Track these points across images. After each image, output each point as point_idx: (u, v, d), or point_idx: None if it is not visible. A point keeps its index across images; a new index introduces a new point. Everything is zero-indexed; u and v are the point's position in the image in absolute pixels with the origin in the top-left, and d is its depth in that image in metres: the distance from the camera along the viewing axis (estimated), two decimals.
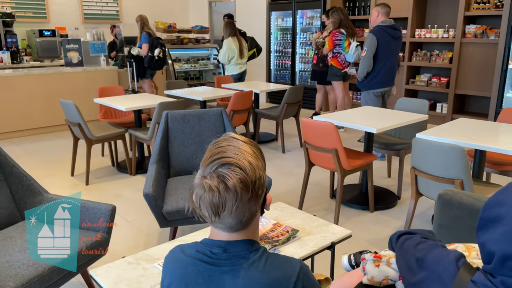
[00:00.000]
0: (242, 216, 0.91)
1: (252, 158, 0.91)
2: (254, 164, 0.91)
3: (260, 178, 0.92)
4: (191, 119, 2.92)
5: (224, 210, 0.89)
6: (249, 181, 0.89)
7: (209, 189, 0.88)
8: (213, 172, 0.89)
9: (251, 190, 0.89)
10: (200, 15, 9.52)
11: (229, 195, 0.88)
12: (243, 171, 0.89)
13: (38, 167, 4.34)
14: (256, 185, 0.90)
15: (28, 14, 7.51)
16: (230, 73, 5.92)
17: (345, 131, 5.75)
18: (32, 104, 5.61)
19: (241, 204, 0.89)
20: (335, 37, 5.37)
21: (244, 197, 0.88)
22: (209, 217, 0.91)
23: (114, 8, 8.60)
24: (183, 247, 1.01)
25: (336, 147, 2.87)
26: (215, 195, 0.88)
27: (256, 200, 0.92)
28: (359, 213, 3.25)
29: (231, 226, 0.93)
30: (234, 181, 0.87)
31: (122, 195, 3.64)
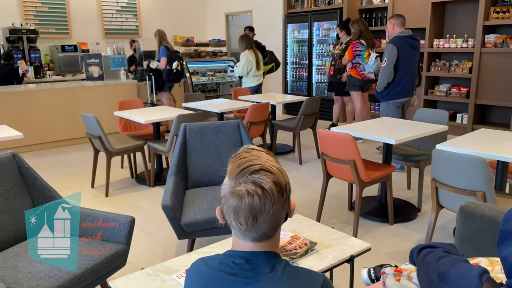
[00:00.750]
0: (277, 220, 0.92)
1: (277, 164, 0.94)
2: (281, 169, 0.93)
3: (288, 182, 0.94)
4: (208, 131, 2.95)
5: (262, 214, 0.89)
6: (282, 184, 0.91)
7: (248, 194, 0.88)
8: (247, 179, 0.90)
9: (284, 192, 0.91)
10: (217, 29, 9.66)
11: (267, 199, 0.89)
12: (274, 175, 0.90)
13: (59, 179, 4.43)
14: (287, 188, 0.93)
15: (51, 30, 7.76)
16: (248, 85, 5.96)
17: (363, 142, 5.70)
18: (54, 117, 5.75)
19: (277, 208, 0.90)
20: (355, 47, 5.37)
21: (279, 200, 0.90)
22: (245, 224, 0.91)
23: (133, 23, 8.80)
24: (205, 259, 1.01)
25: (354, 158, 2.85)
26: (255, 199, 0.88)
27: (288, 204, 0.94)
28: (378, 225, 3.20)
29: (264, 233, 0.93)
30: (270, 184, 0.89)
31: (141, 206, 3.68)
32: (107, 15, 8.41)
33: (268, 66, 6.35)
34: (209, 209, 2.48)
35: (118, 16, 8.58)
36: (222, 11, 9.44)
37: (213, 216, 2.44)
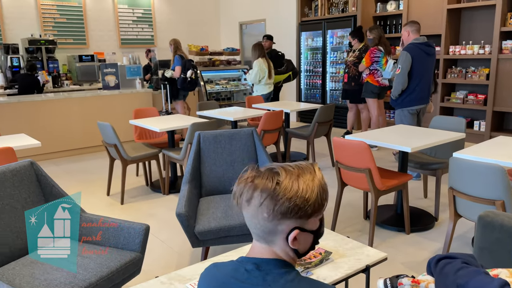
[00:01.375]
0: (261, 225, 0.92)
1: (306, 180, 0.91)
2: (301, 183, 0.91)
3: (297, 203, 0.89)
4: (222, 139, 2.96)
5: (239, 203, 0.93)
6: (273, 192, 0.89)
7: (243, 180, 0.93)
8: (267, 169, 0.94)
9: (276, 203, 0.89)
10: (231, 37, 9.73)
11: (252, 190, 0.91)
12: (281, 179, 0.90)
13: (76, 187, 4.49)
14: (288, 203, 0.89)
15: (69, 41, 7.93)
16: (260, 93, 5.98)
17: (378, 150, 5.64)
18: (71, 126, 5.85)
19: (259, 211, 0.90)
20: (373, 54, 5.35)
21: (267, 203, 0.89)
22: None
23: (149, 33, 8.94)
24: (218, 265, 1.02)
25: (369, 166, 2.82)
26: (241, 185, 0.93)
27: (286, 219, 0.91)
28: (394, 235, 3.15)
29: (254, 233, 0.95)
30: (267, 181, 0.90)
31: (155, 214, 3.70)
32: (123, 25, 8.56)
33: (285, 75, 6.36)
34: (223, 217, 2.48)
35: (134, 26, 8.72)
36: (236, 20, 9.52)
37: (227, 224, 2.43)
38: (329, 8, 7.46)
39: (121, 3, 8.48)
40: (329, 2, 7.45)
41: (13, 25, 7.36)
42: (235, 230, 2.44)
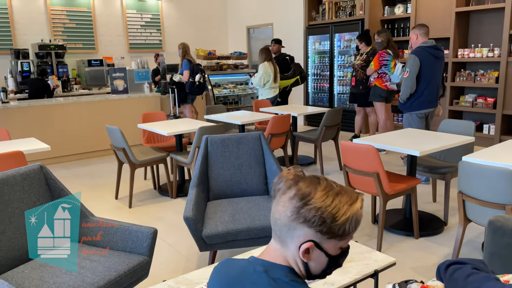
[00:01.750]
0: (279, 222, 0.92)
1: (343, 201, 0.90)
2: (337, 201, 0.89)
3: (325, 215, 0.88)
4: (230, 143, 2.96)
5: (276, 195, 0.93)
6: (307, 196, 0.89)
7: (284, 174, 0.94)
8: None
9: (303, 207, 0.88)
10: (239, 42, 9.77)
11: (287, 185, 0.91)
12: (320, 191, 0.90)
13: (84, 190, 4.52)
14: (315, 211, 0.88)
15: (78, 46, 8.01)
16: (265, 96, 5.98)
17: (386, 154, 5.61)
18: (80, 130, 5.90)
19: (284, 207, 0.90)
20: (382, 57, 5.34)
21: (294, 205, 0.89)
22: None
23: (157, 38, 9.00)
24: (230, 262, 1.02)
25: (378, 170, 2.80)
26: (282, 179, 0.94)
27: (306, 226, 0.89)
28: (403, 239, 3.13)
29: (272, 229, 0.95)
30: (305, 184, 0.90)
31: (163, 218, 3.71)
32: (131, 30, 8.63)
33: (291, 80, 6.35)
34: (231, 221, 2.48)
35: (143, 31, 8.79)
36: (243, 25, 9.55)
37: (234, 228, 2.43)
38: (336, 11, 7.46)
39: (130, 8, 8.56)
40: (336, 6, 7.45)
41: (24, 30, 7.46)
42: (243, 234, 2.44)
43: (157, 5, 8.89)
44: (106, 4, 8.27)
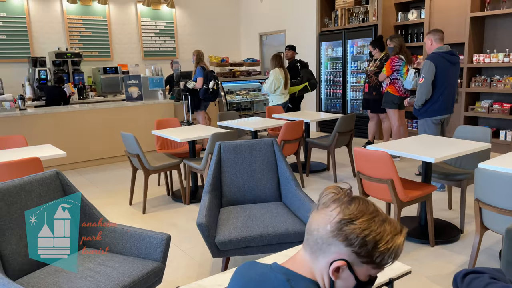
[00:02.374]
0: (315, 234, 0.91)
1: (387, 230, 0.88)
2: (381, 229, 0.88)
3: (364, 237, 0.87)
4: (243, 150, 2.97)
5: (317, 206, 0.93)
6: (355, 215, 0.87)
7: (334, 189, 0.94)
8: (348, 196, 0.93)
9: (342, 229, 0.87)
10: (251, 48, 9.82)
11: (332, 201, 0.91)
12: (363, 214, 0.88)
13: (99, 196, 4.58)
14: (358, 232, 0.87)
15: (94, 54, 8.15)
16: (275, 102, 5.99)
17: (400, 161, 5.55)
18: (96, 136, 5.98)
19: (322, 223, 0.90)
20: (394, 62, 5.30)
21: (335, 224, 0.88)
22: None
23: (171, 45, 9.11)
24: (253, 264, 1.01)
25: (392, 177, 2.78)
26: (328, 193, 0.93)
27: (343, 245, 0.87)
28: (418, 247, 3.08)
29: (306, 238, 0.94)
30: (345, 205, 0.89)
31: (176, 224, 3.73)
32: (146, 38, 8.75)
33: (299, 86, 6.34)
34: (243, 228, 2.48)
35: (157, 38, 8.91)
36: (256, 32, 9.60)
37: (247, 234, 2.43)
38: (349, 18, 7.45)
39: (144, 16, 8.68)
40: (349, 12, 7.44)
41: (41, 39, 7.63)
42: (256, 240, 2.43)
43: (171, 13, 9.01)
44: (121, 12, 8.40)
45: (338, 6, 7.61)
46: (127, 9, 8.48)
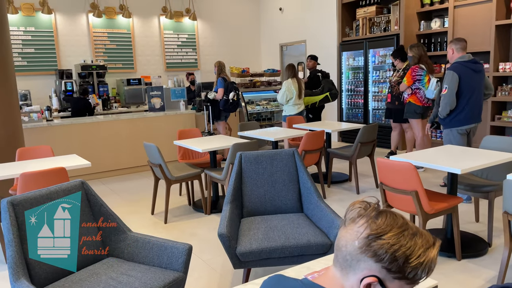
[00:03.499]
0: (343, 250, 0.88)
1: (419, 244, 0.85)
2: (412, 243, 0.85)
3: (395, 255, 0.83)
4: (263, 160, 2.96)
5: (344, 222, 0.91)
6: (382, 230, 0.85)
7: (361, 203, 0.91)
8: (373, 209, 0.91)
9: (370, 244, 0.84)
10: (272, 59, 9.86)
11: (358, 216, 0.89)
12: (390, 227, 0.85)
13: (122, 205, 4.64)
14: (387, 247, 0.84)
15: (118, 66, 8.34)
16: (288, 113, 5.99)
17: (424, 171, 5.44)
18: (119, 146, 6.10)
19: (350, 237, 0.87)
20: (414, 72, 5.23)
21: (363, 240, 0.86)
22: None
23: (193, 57, 9.24)
24: (282, 279, 0.99)
25: (416, 188, 2.72)
26: (355, 208, 0.90)
27: (373, 261, 0.85)
28: (444, 260, 3.00)
29: (335, 255, 0.91)
30: (372, 220, 0.87)
31: (197, 234, 3.74)
32: (168, 50, 8.91)
33: (319, 96, 6.31)
34: (264, 239, 2.46)
35: (179, 50, 9.05)
36: (277, 42, 9.65)
37: (268, 246, 2.42)
38: (370, 27, 7.41)
39: (167, 29, 8.85)
40: (370, 22, 7.40)
41: (68, 52, 7.86)
42: (277, 252, 2.41)
43: (193, 25, 9.16)
44: (144, 25, 8.59)
45: (359, 16, 7.58)
46: (150, 22, 8.67)
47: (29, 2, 7.37)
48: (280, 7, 9.39)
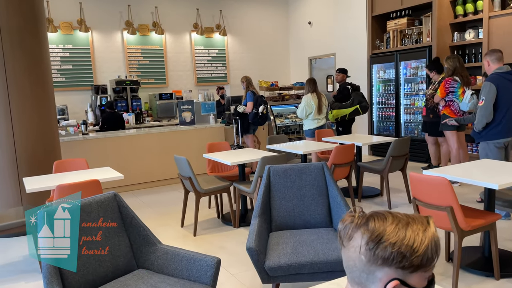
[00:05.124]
0: (351, 267, 0.88)
1: (416, 229, 0.86)
2: (410, 232, 0.85)
3: (402, 250, 0.83)
4: (292, 173, 2.95)
5: (342, 239, 0.90)
6: (378, 234, 0.85)
7: (346, 219, 0.91)
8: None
9: (376, 248, 0.84)
10: (301, 72, 9.87)
11: (354, 230, 0.88)
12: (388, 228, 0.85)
13: (152, 217, 4.71)
14: (391, 248, 0.83)
15: (150, 81, 8.58)
16: (307, 127, 5.94)
17: (460, 186, 5.25)
18: (150, 159, 6.22)
19: (354, 252, 0.87)
20: (448, 84, 5.11)
21: (366, 250, 0.85)
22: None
23: (223, 71, 9.38)
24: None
25: (451, 204, 2.62)
26: (345, 225, 0.90)
27: (386, 267, 0.84)
28: (481, 280, 2.86)
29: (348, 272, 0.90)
30: (371, 224, 0.86)
31: (226, 247, 3.74)
32: (199, 65, 9.09)
33: (349, 109, 6.25)
34: (293, 254, 2.43)
35: (209, 65, 9.23)
36: (306, 56, 9.67)
37: (297, 261, 2.38)
38: (401, 39, 7.30)
39: (198, 45, 9.05)
40: (401, 34, 7.30)
41: (103, 68, 8.16)
42: (306, 267, 2.38)
43: (223, 40, 9.32)
44: (176, 42, 8.82)
45: (389, 28, 7.50)
46: (182, 38, 8.89)
47: (68, 20, 7.72)
48: (309, 21, 9.43)
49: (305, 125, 6.02)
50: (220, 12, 9.20)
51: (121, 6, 8.20)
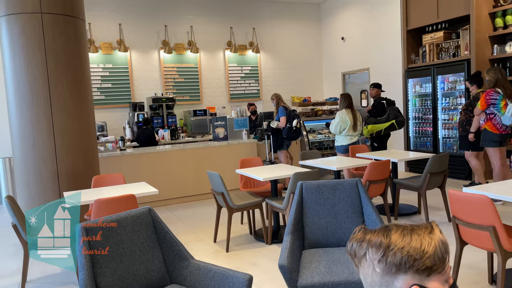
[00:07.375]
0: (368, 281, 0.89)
1: (421, 233, 0.88)
2: (415, 236, 0.87)
3: (407, 258, 0.85)
4: (325, 190, 2.90)
5: (356, 261, 0.93)
6: (385, 243, 0.87)
7: (353, 238, 0.94)
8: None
9: (384, 256, 0.86)
10: (334, 87, 9.81)
11: (361, 246, 0.91)
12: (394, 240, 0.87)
13: (185, 232, 4.76)
14: (400, 253, 0.85)
15: (185, 98, 8.77)
16: (340, 143, 5.83)
17: (503, 205, 4.99)
18: (184, 174, 6.32)
19: (368, 267, 0.89)
20: (489, 96, 4.91)
21: (372, 259, 0.87)
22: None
23: (255, 88, 9.47)
24: None
25: (494, 223, 2.50)
26: (352, 246, 0.94)
27: (401, 274, 0.86)
28: None
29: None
30: (375, 236, 0.89)
31: (258, 264, 3.71)
32: (232, 82, 9.23)
33: (385, 124, 6.12)
34: (327, 272, 2.38)
35: (242, 82, 9.34)
36: (339, 71, 9.61)
37: (330, 280, 2.33)
38: (438, 53, 7.13)
39: (231, 62, 9.20)
40: (438, 48, 7.13)
41: (141, 85, 8.44)
42: (340, 287, 2.31)
43: (255, 57, 9.43)
44: (210, 60, 9.01)
45: (425, 42, 7.35)
46: (216, 56, 9.07)
47: (108, 41, 8.07)
48: (342, 37, 9.40)
49: (337, 141, 5.94)
50: (253, 29, 9.34)
51: (158, 26, 8.50)
